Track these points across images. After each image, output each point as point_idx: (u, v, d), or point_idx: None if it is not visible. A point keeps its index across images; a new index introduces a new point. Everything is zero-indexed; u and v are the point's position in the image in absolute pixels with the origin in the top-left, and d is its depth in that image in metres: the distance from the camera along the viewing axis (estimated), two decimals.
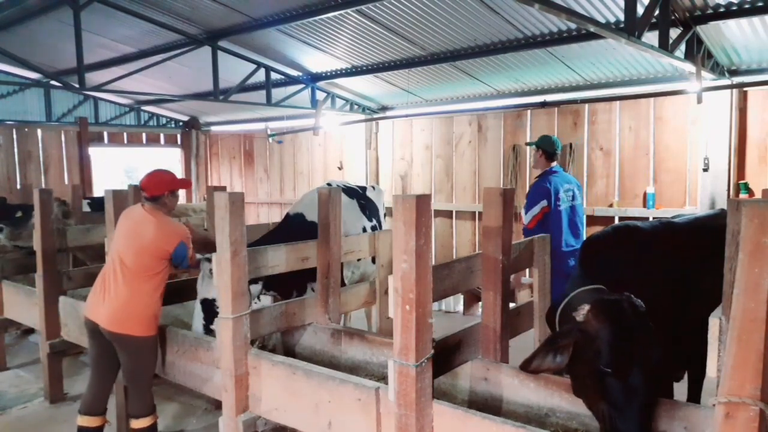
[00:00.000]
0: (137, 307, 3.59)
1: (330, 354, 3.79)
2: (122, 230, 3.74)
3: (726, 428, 1.61)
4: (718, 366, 2.02)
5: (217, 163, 11.76)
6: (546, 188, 4.85)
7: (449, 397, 2.98)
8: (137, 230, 3.65)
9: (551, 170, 5.01)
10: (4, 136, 9.40)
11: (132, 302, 3.58)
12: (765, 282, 1.62)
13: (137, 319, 3.58)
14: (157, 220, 3.67)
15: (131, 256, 3.61)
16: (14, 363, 5.93)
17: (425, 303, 2.42)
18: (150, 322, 3.64)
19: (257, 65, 7.47)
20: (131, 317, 3.57)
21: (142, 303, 3.60)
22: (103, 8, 6.08)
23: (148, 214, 3.70)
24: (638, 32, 4.15)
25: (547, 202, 4.81)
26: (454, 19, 5.64)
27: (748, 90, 6.06)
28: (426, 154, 8.60)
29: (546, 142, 5.05)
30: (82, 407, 3.76)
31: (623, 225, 3.06)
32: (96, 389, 3.76)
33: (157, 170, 3.87)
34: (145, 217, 3.69)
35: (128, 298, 3.57)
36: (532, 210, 4.82)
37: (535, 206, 4.81)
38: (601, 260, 2.73)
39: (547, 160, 5.03)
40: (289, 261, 3.78)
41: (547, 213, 4.81)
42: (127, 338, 3.57)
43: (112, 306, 3.58)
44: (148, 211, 3.71)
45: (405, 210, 2.36)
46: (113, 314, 3.57)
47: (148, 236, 3.61)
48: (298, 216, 4.78)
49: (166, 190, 3.75)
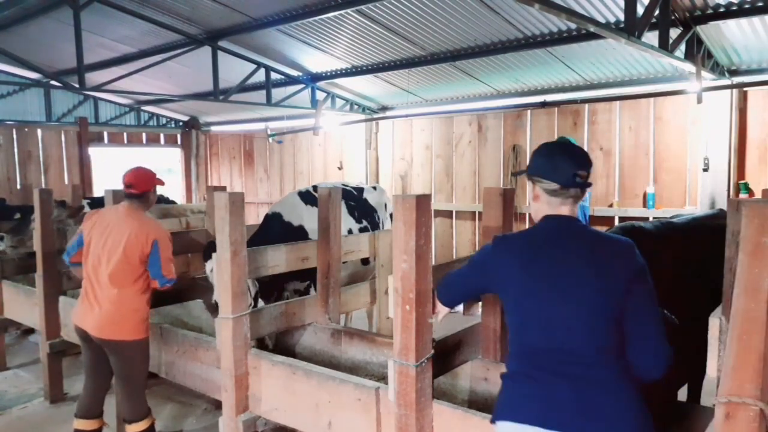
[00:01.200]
0: (125, 312, 3.48)
1: (330, 354, 3.79)
2: (99, 233, 3.57)
3: (726, 428, 1.61)
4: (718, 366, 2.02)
5: (217, 163, 11.76)
6: None
7: (449, 397, 2.98)
8: (116, 231, 3.51)
9: None
10: (4, 136, 9.40)
11: (119, 307, 3.47)
12: (765, 282, 1.62)
13: (126, 323, 3.48)
14: (137, 218, 3.55)
15: (112, 259, 3.48)
16: (14, 363, 5.93)
17: (425, 303, 2.42)
18: (139, 325, 3.54)
19: (257, 65, 7.47)
20: (119, 322, 3.47)
21: (130, 307, 3.50)
22: (103, 8, 6.08)
23: (129, 212, 3.56)
24: (638, 32, 4.15)
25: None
26: (454, 19, 5.64)
27: (748, 90, 6.06)
28: (426, 154, 8.60)
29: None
30: (78, 411, 3.70)
31: (629, 225, 3.05)
32: (91, 393, 3.71)
33: (139, 167, 3.71)
34: (124, 216, 3.55)
35: (115, 304, 3.47)
36: None
37: None
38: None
39: None
40: (289, 261, 3.78)
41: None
42: (118, 343, 3.48)
43: (99, 312, 3.48)
44: (129, 209, 3.57)
45: (405, 210, 2.36)
46: (101, 321, 3.47)
47: (128, 235, 3.47)
48: (276, 216, 4.80)
49: (151, 186, 3.65)
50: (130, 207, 3.59)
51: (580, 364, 1.85)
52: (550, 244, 1.96)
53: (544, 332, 1.90)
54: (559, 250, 1.93)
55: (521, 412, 1.89)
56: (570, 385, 1.84)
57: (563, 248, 1.93)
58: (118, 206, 3.68)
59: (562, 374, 1.86)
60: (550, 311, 1.90)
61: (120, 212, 3.61)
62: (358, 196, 5.58)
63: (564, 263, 1.91)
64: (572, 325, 1.86)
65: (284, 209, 4.86)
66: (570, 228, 1.97)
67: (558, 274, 1.90)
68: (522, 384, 1.93)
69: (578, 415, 1.81)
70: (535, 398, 1.88)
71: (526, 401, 1.90)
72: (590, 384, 1.84)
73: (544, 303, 1.91)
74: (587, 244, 1.93)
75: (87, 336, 3.57)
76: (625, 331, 1.87)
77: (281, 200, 5.25)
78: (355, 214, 5.34)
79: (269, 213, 4.91)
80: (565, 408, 1.83)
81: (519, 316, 1.98)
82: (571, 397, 1.83)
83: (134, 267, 3.50)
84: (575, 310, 1.86)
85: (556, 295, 1.89)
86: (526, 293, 1.95)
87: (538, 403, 1.87)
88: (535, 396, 1.88)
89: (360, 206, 5.47)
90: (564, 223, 1.97)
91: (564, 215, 1.98)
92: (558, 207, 1.98)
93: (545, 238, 1.98)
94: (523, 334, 1.97)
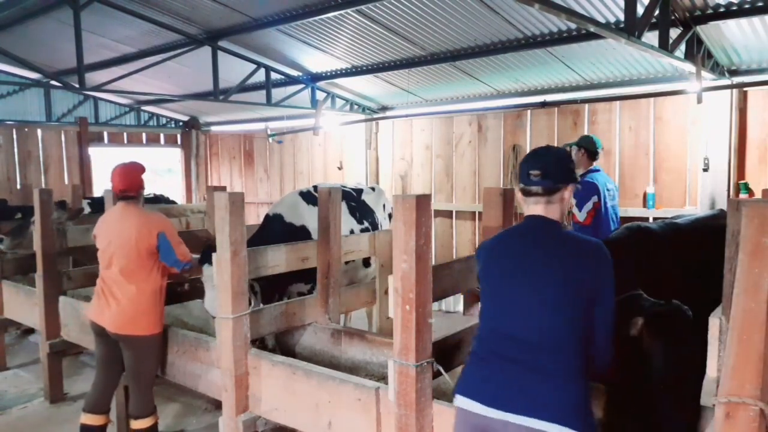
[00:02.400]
0: (143, 308, 3.60)
1: (330, 354, 3.79)
2: (106, 233, 3.71)
3: (726, 428, 1.61)
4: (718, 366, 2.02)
5: (217, 163, 11.75)
6: (593, 184, 4.86)
7: (449, 397, 2.98)
8: (121, 229, 3.63)
9: (594, 169, 5.06)
10: (4, 136, 9.39)
11: (137, 304, 3.59)
12: (765, 282, 1.62)
13: (143, 319, 3.60)
14: (137, 214, 3.67)
15: (122, 257, 3.60)
16: (14, 363, 5.93)
17: (425, 303, 2.42)
18: (156, 320, 3.66)
19: (257, 65, 7.47)
20: (137, 318, 3.58)
21: (147, 303, 3.62)
22: (103, 8, 6.08)
23: (128, 210, 3.69)
24: (638, 32, 4.15)
25: (597, 198, 4.83)
26: (454, 19, 5.63)
27: (748, 90, 6.05)
28: (426, 154, 8.60)
29: (588, 142, 5.08)
30: (86, 405, 3.76)
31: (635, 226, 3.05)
32: (101, 388, 3.78)
33: (126, 166, 3.76)
34: (125, 213, 3.68)
35: (133, 300, 3.59)
36: (585, 206, 4.80)
37: (588, 202, 4.80)
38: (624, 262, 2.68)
39: (589, 159, 5.06)
40: (289, 261, 3.78)
41: (598, 209, 4.82)
42: (135, 338, 3.59)
43: (117, 308, 3.59)
44: (126, 208, 3.70)
45: (405, 210, 2.36)
46: (119, 317, 3.58)
47: (131, 232, 3.59)
48: (277, 217, 4.79)
49: (143, 184, 3.79)
50: (127, 206, 3.72)
51: (531, 353, 2.01)
52: (521, 241, 2.17)
53: (503, 320, 2.10)
54: (528, 246, 2.13)
55: (472, 390, 2.10)
56: (517, 370, 2.01)
57: (532, 245, 2.12)
58: (116, 207, 3.81)
59: (513, 360, 2.03)
60: (511, 301, 2.09)
61: (118, 212, 3.74)
62: (357, 197, 5.57)
63: (530, 258, 2.09)
64: (529, 316, 2.04)
65: (285, 210, 4.84)
66: (541, 227, 2.14)
67: (523, 268, 2.09)
68: (477, 365, 2.14)
69: (520, 399, 1.97)
70: (486, 379, 2.08)
71: (478, 381, 2.10)
72: (536, 372, 1.99)
73: (507, 293, 2.10)
74: (555, 242, 2.10)
75: (103, 331, 3.66)
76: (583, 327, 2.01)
77: (281, 201, 5.22)
78: (357, 214, 5.34)
79: (270, 214, 4.89)
80: (509, 391, 2.00)
81: (485, 303, 2.19)
82: (515, 382, 2.01)
83: (144, 261, 3.62)
84: (534, 302, 2.03)
85: (518, 287, 2.08)
86: (494, 284, 2.16)
87: (486, 384, 2.07)
88: (485, 377, 2.08)
89: (360, 207, 5.47)
90: (538, 222, 2.15)
91: (538, 215, 2.15)
92: (532, 207, 2.17)
93: (518, 235, 2.22)
94: (485, 320, 2.18)
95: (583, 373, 2.01)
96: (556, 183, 2.13)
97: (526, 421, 1.93)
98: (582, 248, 2.08)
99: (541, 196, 2.13)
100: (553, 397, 1.95)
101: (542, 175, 2.11)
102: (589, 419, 1.99)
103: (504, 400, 1.99)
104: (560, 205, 2.16)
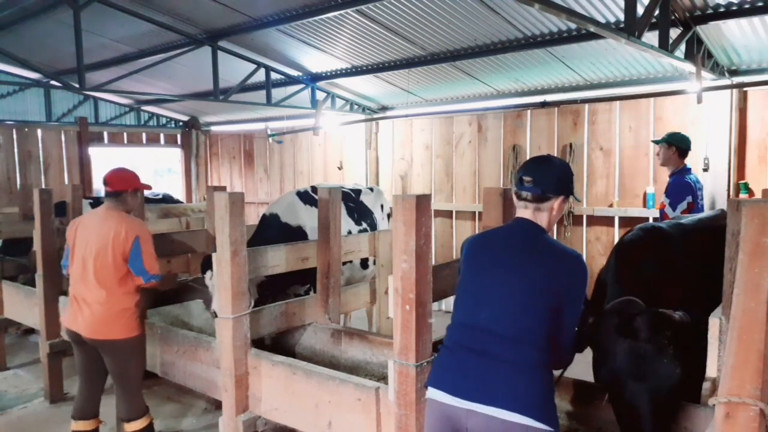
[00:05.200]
0: (114, 312, 3.49)
1: (330, 354, 3.79)
2: (82, 236, 3.61)
3: (726, 428, 1.61)
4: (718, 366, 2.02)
5: (217, 163, 11.76)
6: (688, 184, 4.77)
7: None
8: (100, 229, 3.55)
9: (687, 168, 4.92)
10: (4, 136, 9.39)
11: (108, 308, 3.48)
12: (765, 282, 1.62)
13: (116, 323, 3.49)
14: (116, 217, 3.58)
15: (97, 259, 3.51)
16: (14, 363, 5.93)
17: (425, 303, 2.42)
18: (130, 323, 3.55)
19: (257, 65, 7.47)
20: (110, 322, 3.48)
21: (119, 307, 3.51)
22: (103, 8, 6.07)
23: (108, 213, 3.61)
24: (638, 32, 4.15)
25: (692, 198, 4.73)
26: (454, 19, 5.64)
27: (748, 90, 6.05)
28: (426, 154, 8.60)
29: (680, 139, 4.90)
30: (74, 412, 3.70)
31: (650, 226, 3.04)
32: (86, 394, 3.70)
33: (121, 168, 3.78)
34: (104, 217, 3.60)
35: (104, 305, 3.48)
36: (680, 205, 4.70)
37: (682, 201, 4.70)
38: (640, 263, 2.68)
39: (680, 157, 4.91)
40: (289, 261, 3.78)
41: (693, 210, 4.70)
42: (111, 343, 3.50)
43: (90, 314, 3.49)
44: (108, 211, 3.63)
45: (405, 210, 2.36)
46: (92, 322, 3.48)
47: (110, 234, 3.50)
48: (273, 217, 4.78)
49: (129, 187, 3.68)
50: (108, 208, 3.64)
51: (497, 344, 2.07)
52: (503, 239, 2.26)
53: (474, 311, 2.17)
54: (508, 244, 2.20)
55: (439, 381, 2.16)
56: (482, 361, 2.07)
57: (512, 243, 2.20)
58: (98, 209, 3.74)
59: (479, 351, 2.09)
60: (484, 293, 2.16)
61: (99, 214, 3.66)
62: (355, 197, 5.57)
63: (508, 255, 2.17)
64: (498, 310, 2.11)
65: (282, 210, 4.83)
66: (526, 229, 2.21)
67: (500, 263, 2.17)
68: (445, 355, 2.21)
69: (483, 389, 2.03)
70: (451, 369, 2.15)
71: (445, 371, 2.18)
72: (500, 363, 2.05)
73: (480, 285, 2.18)
74: (536, 244, 2.17)
75: (79, 338, 3.57)
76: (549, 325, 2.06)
77: (278, 201, 5.20)
78: (355, 215, 5.33)
79: (266, 214, 4.88)
80: (474, 381, 2.06)
81: (459, 295, 2.26)
82: (479, 373, 2.06)
83: (118, 266, 3.53)
84: (505, 296, 2.10)
85: (490, 281, 2.15)
86: (470, 276, 2.23)
87: (452, 374, 2.13)
88: (451, 367, 2.16)
89: (359, 208, 5.46)
90: (523, 224, 2.23)
91: (525, 218, 2.23)
92: (522, 210, 2.25)
93: (502, 233, 2.31)
94: (456, 311, 2.24)
95: (548, 367, 2.08)
96: (546, 193, 2.19)
97: (488, 410, 1.99)
98: (561, 255, 2.15)
99: (531, 203, 2.21)
100: (516, 388, 2.01)
101: (534, 183, 2.19)
102: (551, 410, 2.03)
103: (468, 390, 2.05)
104: (549, 214, 2.22)
